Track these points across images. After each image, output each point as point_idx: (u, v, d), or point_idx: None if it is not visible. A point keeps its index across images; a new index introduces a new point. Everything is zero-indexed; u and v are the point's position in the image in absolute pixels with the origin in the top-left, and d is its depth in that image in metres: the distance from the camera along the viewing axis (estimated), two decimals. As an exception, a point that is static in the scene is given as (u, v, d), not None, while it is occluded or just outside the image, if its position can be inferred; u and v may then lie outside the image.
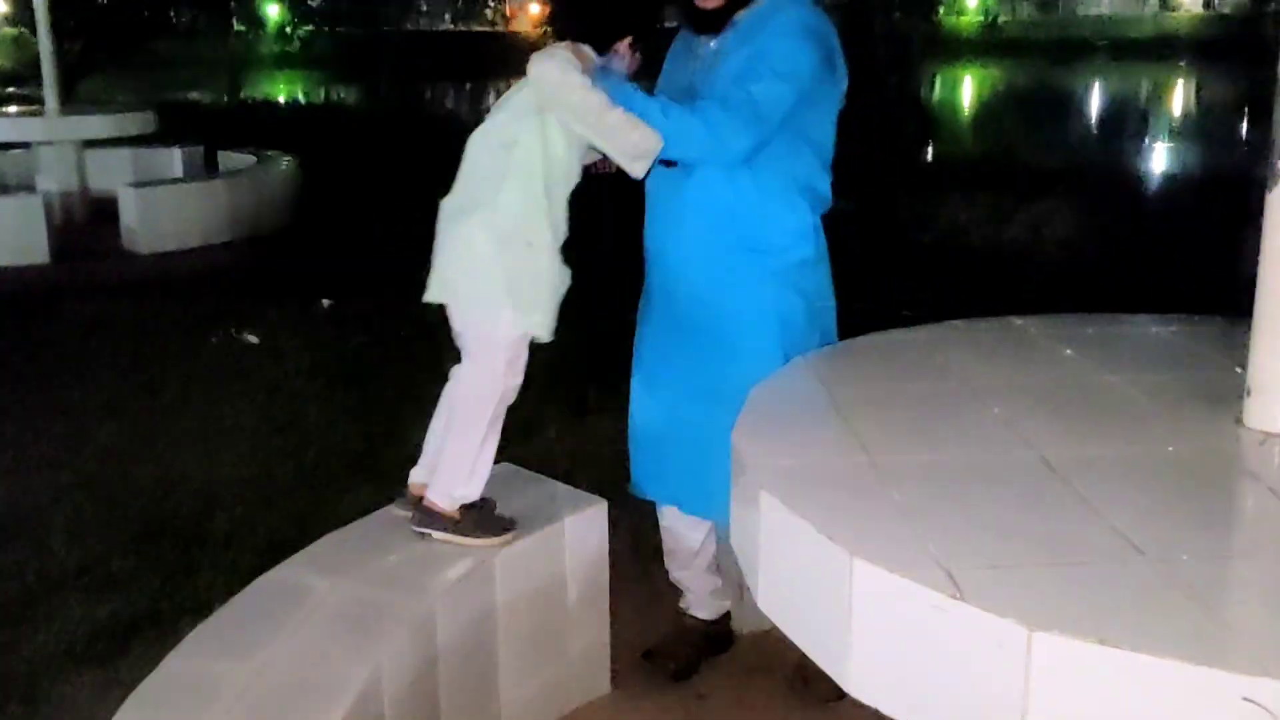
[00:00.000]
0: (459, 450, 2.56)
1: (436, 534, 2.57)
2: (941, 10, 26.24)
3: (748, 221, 2.67)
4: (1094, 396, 2.07)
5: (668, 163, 2.61)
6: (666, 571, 3.10)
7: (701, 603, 3.07)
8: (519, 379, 2.59)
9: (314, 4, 30.64)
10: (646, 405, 2.89)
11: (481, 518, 2.60)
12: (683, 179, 2.67)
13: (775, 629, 1.70)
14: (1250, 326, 1.91)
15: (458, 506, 2.58)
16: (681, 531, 2.97)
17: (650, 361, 2.88)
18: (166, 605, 3.33)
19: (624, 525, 3.20)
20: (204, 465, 4.36)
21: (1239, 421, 1.91)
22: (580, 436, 4.58)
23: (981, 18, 35.31)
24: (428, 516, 2.58)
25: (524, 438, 4.37)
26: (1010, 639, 1.31)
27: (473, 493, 2.59)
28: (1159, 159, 15.50)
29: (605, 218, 3.59)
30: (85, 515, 3.93)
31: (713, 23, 2.68)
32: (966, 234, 8.99)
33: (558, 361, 3.41)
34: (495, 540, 2.58)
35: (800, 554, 1.60)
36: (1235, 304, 2.07)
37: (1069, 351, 2.34)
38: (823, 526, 1.56)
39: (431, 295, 2.55)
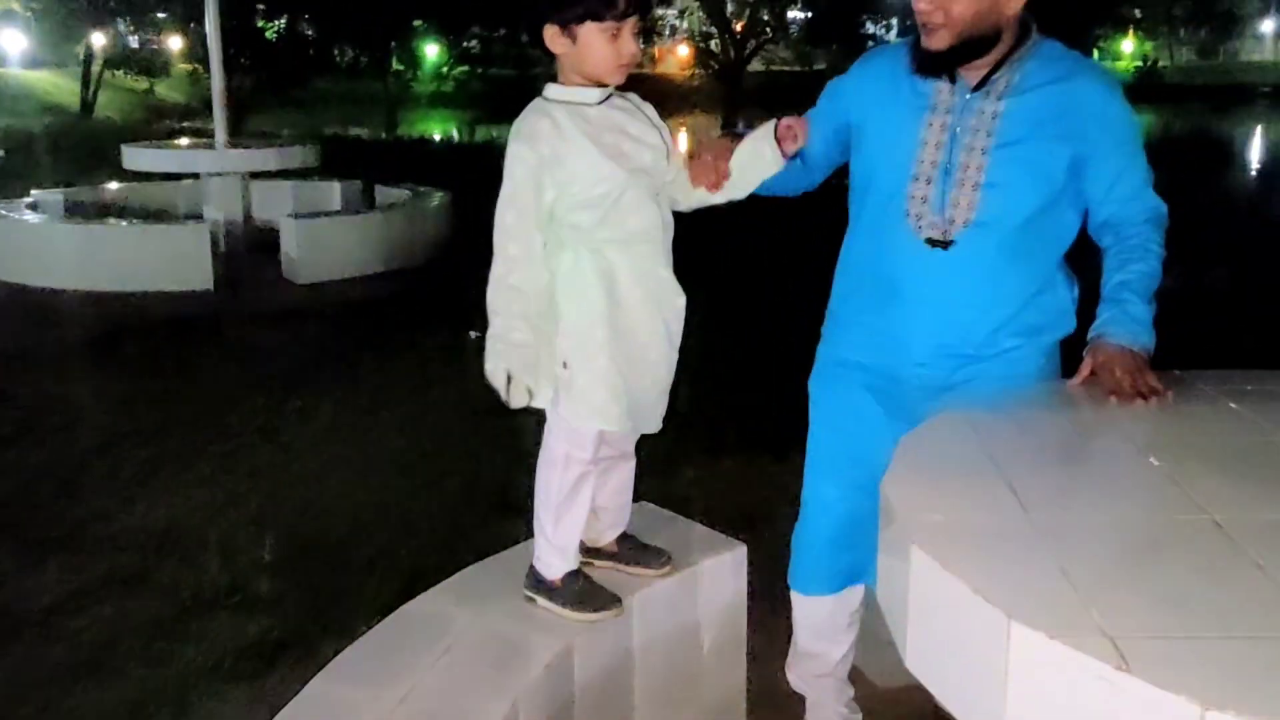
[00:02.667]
0: (540, 522, 2.49)
1: (539, 599, 2.49)
2: (1095, 55, 25.60)
3: (1025, 303, 2.44)
4: (1268, 457, 1.96)
5: (937, 242, 2.39)
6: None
7: (831, 718, 2.84)
8: (591, 461, 2.44)
9: (470, 47, 31.53)
10: (846, 498, 2.60)
11: (584, 590, 2.48)
12: (948, 259, 2.40)
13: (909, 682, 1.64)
14: None
15: (558, 575, 2.48)
16: (833, 632, 2.75)
17: (858, 451, 2.55)
18: (312, 628, 3.42)
19: (757, 566, 3.14)
20: (351, 491, 4.48)
21: None
22: (718, 476, 4.56)
23: (1139, 63, 34.31)
24: (532, 580, 2.52)
25: (662, 474, 4.39)
26: (1182, 717, 1.23)
27: (561, 565, 2.48)
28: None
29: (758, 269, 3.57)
30: (237, 535, 4.07)
31: (948, 65, 2.38)
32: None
33: (701, 398, 3.40)
34: (591, 616, 2.45)
35: (953, 614, 1.54)
36: None
37: (1238, 408, 2.22)
38: (978, 586, 1.50)
39: None
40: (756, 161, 2.41)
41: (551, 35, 2.27)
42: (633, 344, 2.33)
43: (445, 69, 35.77)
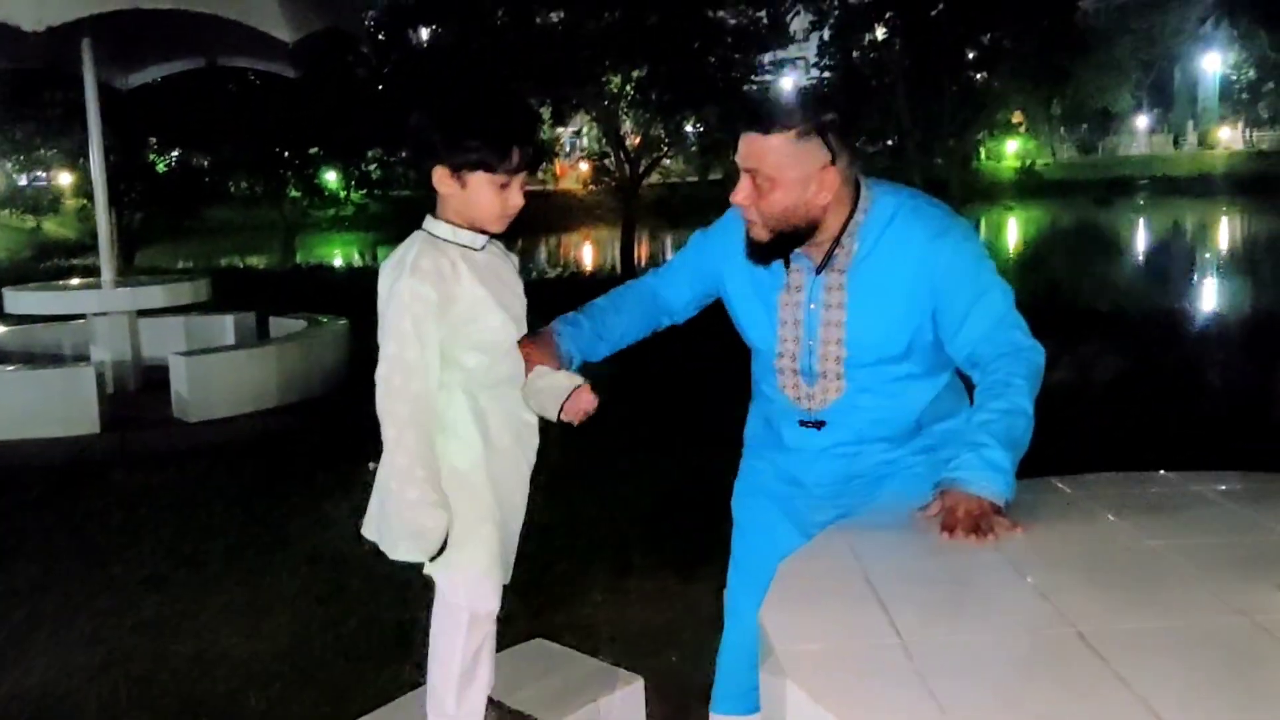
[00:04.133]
0: (437, 699, 2.39)
1: None
2: (984, 155, 26.63)
3: (914, 436, 2.52)
4: (1134, 565, 2.00)
5: (810, 423, 2.48)
6: None
7: None
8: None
9: (369, 170, 31.64)
10: None
11: None
12: (827, 432, 2.49)
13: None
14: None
15: None
16: None
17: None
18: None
19: (665, 693, 3.10)
20: (244, 640, 4.32)
21: (1281, 589, 1.83)
22: (626, 599, 4.50)
23: (1019, 162, 35.81)
24: None
25: (563, 604, 4.32)
26: None
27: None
28: (1207, 298, 15.40)
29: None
30: (120, 697, 3.88)
31: (775, 253, 2.40)
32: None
33: (604, 521, 3.36)
34: None
35: (827, 748, 1.52)
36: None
37: (1110, 516, 2.27)
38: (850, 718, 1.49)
39: None
40: (536, 399, 2.38)
41: (441, 176, 2.28)
42: (503, 489, 2.31)
43: (344, 193, 35.82)
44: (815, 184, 2.31)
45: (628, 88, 24.36)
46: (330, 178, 35.96)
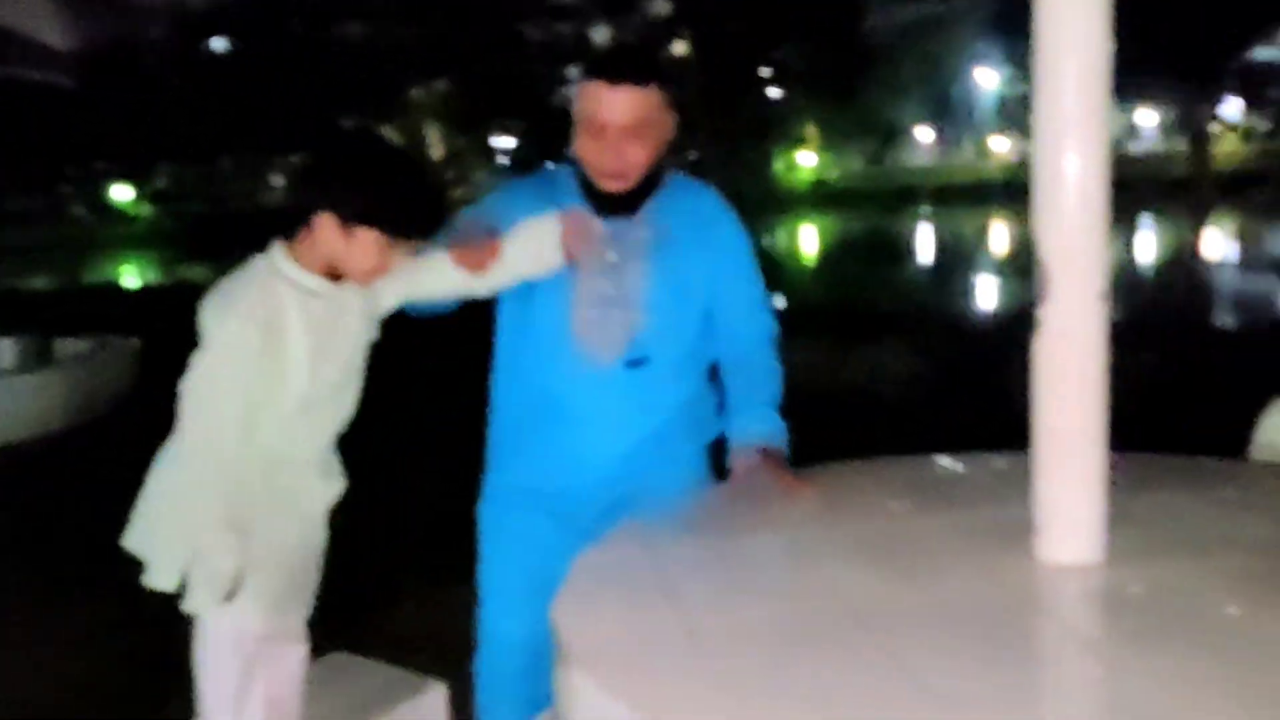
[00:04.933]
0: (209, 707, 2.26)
1: None
2: (780, 167, 27.53)
3: (688, 412, 2.63)
4: (905, 542, 2.12)
5: (632, 362, 2.52)
6: None
7: None
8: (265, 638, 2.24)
9: (161, 185, 30.33)
10: (529, 630, 2.47)
11: None
12: (618, 380, 2.53)
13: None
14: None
15: None
16: None
17: (539, 580, 2.34)
18: None
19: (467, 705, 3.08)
20: (31, 677, 4.09)
21: (1032, 557, 1.98)
22: (434, 611, 4.46)
23: (812, 175, 37.14)
24: None
25: (373, 615, 4.25)
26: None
27: None
28: (983, 297, 16.30)
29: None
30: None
31: (622, 206, 2.54)
32: (809, 379, 9.22)
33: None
34: None
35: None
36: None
37: (886, 496, 2.40)
38: (637, 705, 1.55)
39: None
40: (529, 257, 2.38)
41: (326, 222, 2.12)
42: (275, 532, 2.24)
43: (131, 208, 34.32)
44: (667, 133, 2.52)
45: (428, 99, 24.14)
46: (119, 193, 34.38)
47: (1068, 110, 1.87)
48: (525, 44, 22.43)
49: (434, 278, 2.35)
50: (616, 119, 2.43)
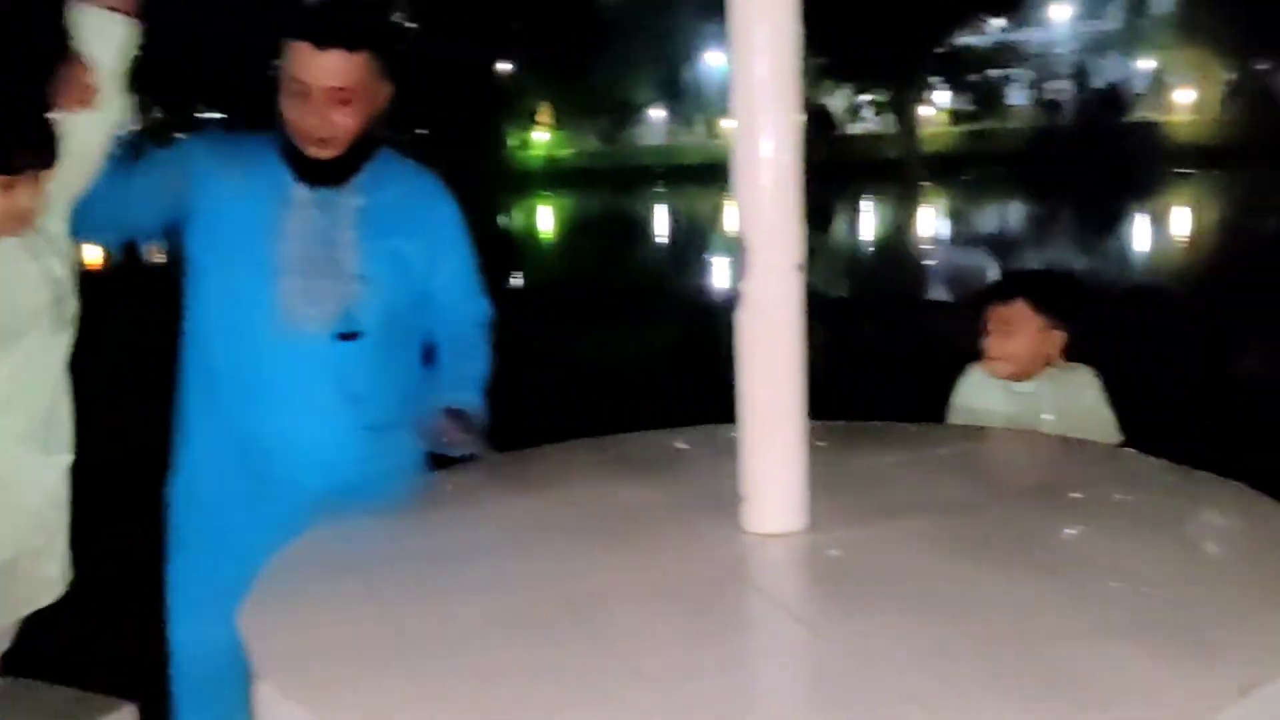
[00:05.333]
0: None
1: None
2: (512, 145, 27.38)
3: (397, 396, 2.46)
4: (620, 522, 2.10)
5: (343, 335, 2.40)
6: None
7: None
8: None
9: None
10: (222, 634, 2.09)
11: None
12: (325, 354, 2.38)
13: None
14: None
15: None
16: None
17: (230, 581, 2.03)
18: None
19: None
20: None
21: (740, 528, 1.99)
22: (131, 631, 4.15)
23: (545, 153, 37.36)
24: None
25: (65, 641, 3.91)
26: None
27: None
28: (716, 275, 16.79)
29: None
30: None
31: (329, 174, 2.42)
32: (552, 357, 9.20)
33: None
34: None
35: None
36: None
37: (603, 475, 2.36)
38: (326, 713, 1.44)
39: None
40: (96, 36, 2.20)
41: None
42: None
43: None
44: (380, 102, 2.41)
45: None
46: None
47: (760, 92, 1.90)
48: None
49: (68, 165, 2.21)
50: (323, 82, 2.30)
